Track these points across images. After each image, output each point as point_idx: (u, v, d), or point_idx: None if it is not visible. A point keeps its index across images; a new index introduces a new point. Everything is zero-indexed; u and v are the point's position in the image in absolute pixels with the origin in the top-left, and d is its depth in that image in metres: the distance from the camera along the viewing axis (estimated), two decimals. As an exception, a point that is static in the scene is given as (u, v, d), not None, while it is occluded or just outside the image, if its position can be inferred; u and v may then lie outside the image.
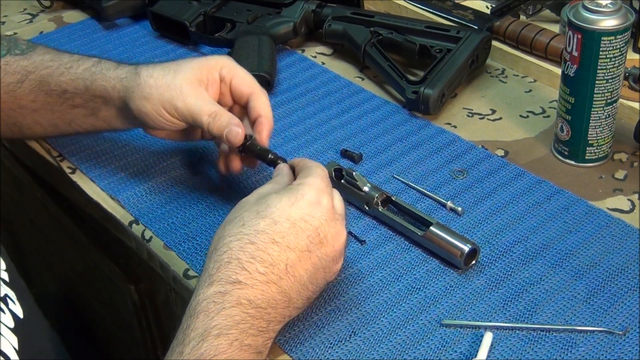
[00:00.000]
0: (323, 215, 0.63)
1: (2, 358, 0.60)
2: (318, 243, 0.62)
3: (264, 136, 0.75)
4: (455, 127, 0.91)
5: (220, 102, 0.77)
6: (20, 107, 0.81)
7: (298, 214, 0.62)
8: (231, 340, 0.57)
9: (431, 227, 0.73)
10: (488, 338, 0.64)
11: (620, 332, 0.65)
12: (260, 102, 0.76)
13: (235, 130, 0.73)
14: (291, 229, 0.61)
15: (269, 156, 0.74)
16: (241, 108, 0.78)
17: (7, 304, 0.64)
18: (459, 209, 0.78)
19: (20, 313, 0.65)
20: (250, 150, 0.75)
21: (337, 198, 0.66)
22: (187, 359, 0.56)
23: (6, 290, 0.65)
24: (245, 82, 0.77)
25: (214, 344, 0.56)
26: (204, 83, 0.75)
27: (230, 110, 0.78)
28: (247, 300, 0.58)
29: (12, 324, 0.63)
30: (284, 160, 0.73)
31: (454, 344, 0.65)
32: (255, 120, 0.76)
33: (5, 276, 0.66)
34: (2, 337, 0.60)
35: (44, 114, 0.82)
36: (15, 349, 0.61)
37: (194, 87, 0.74)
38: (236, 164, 0.77)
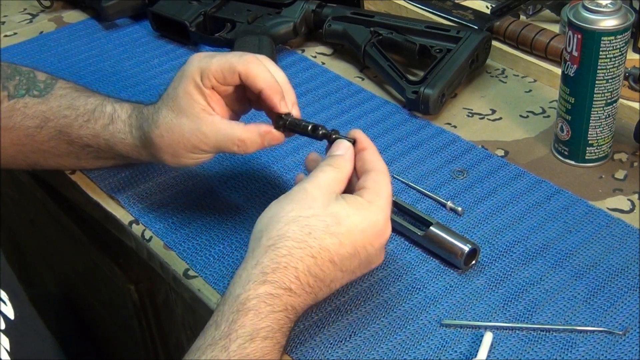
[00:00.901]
0: (380, 245, 0.64)
1: None
2: (365, 267, 0.65)
3: (276, 106, 0.69)
4: (455, 127, 0.91)
5: (231, 97, 0.73)
6: (42, 151, 0.80)
7: (363, 242, 0.62)
8: (274, 343, 0.59)
9: (431, 227, 0.73)
10: (488, 338, 0.64)
11: (620, 332, 0.65)
12: (251, 77, 0.69)
13: (270, 139, 0.70)
14: (352, 254, 0.62)
15: (319, 130, 0.69)
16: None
17: None
18: (459, 209, 0.78)
19: (11, 314, 0.64)
20: (292, 126, 0.70)
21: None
22: (233, 358, 0.56)
23: None
24: (225, 73, 0.70)
25: (260, 345, 0.57)
26: (206, 109, 0.71)
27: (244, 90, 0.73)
28: (292, 307, 0.60)
29: (3, 326, 0.62)
30: (325, 129, 0.69)
31: (454, 344, 0.65)
32: (260, 95, 0.70)
33: None
34: None
35: (68, 159, 0.82)
36: (7, 350, 0.61)
37: (204, 121, 0.70)
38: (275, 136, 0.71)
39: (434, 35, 0.98)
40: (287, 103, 0.70)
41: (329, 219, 0.62)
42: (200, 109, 0.70)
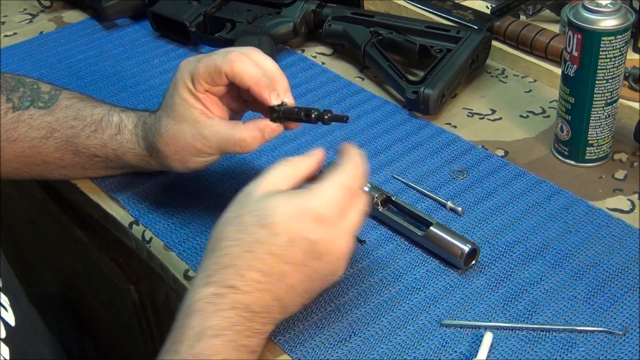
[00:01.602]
0: (327, 233, 0.60)
1: None
2: (315, 258, 0.60)
3: (266, 100, 0.69)
4: (455, 127, 0.91)
5: (227, 98, 0.73)
6: (46, 163, 0.80)
7: (299, 230, 0.59)
8: (226, 341, 0.58)
9: (431, 227, 0.73)
10: (488, 338, 0.64)
11: (620, 332, 0.65)
12: (237, 76, 0.68)
13: (270, 131, 0.70)
14: (290, 243, 0.59)
15: (312, 114, 0.69)
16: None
17: None
18: (459, 209, 0.78)
19: (12, 321, 0.64)
20: (286, 115, 0.70)
21: (357, 207, 0.62)
22: (183, 358, 0.57)
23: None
24: (213, 75, 0.69)
25: (209, 343, 0.57)
26: (204, 112, 0.71)
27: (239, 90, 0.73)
28: (242, 304, 0.59)
29: (3, 334, 0.62)
30: (317, 111, 0.68)
31: (454, 344, 0.65)
32: (250, 91, 0.69)
33: None
34: None
35: (74, 170, 0.82)
36: (5, 359, 0.61)
37: (204, 124, 0.71)
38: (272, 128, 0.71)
39: (434, 35, 0.98)
40: (279, 92, 0.70)
41: (261, 212, 0.60)
42: (198, 114, 0.71)
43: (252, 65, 0.69)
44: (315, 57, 1.06)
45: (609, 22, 0.76)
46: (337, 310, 0.69)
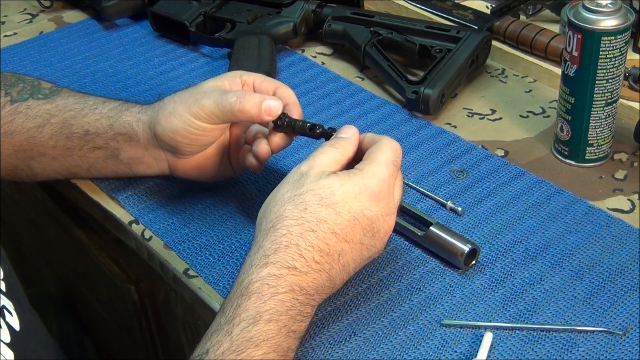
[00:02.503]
0: (381, 210, 0.63)
1: None
2: (371, 236, 0.63)
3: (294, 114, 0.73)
4: (455, 127, 0.91)
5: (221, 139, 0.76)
6: (40, 155, 0.79)
7: (359, 207, 0.62)
8: (280, 327, 0.58)
9: (431, 227, 0.73)
10: (488, 338, 0.64)
11: (620, 332, 0.65)
12: (287, 92, 0.74)
13: (269, 102, 0.70)
14: (351, 222, 0.61)
15: (317, 129, 0.71)
16: None
17: (4, 317, 0.63)
18: (459, 209, 0.78)
19: (17, 325, 0.64)
20: (291, 125, 0.72)
21: (398, 184, 0.66)
22: (236, 342, 0.56)
23: (4, 301, 0.64)
24: (267, 80, 0.75)
25: (264, 329, 0.57)
26: (226, 87, 0.73)
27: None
28: (299, 287, 0.59)
29: (8, 339, 0.62)
30: (322, 128, 0.71)
31: (454, 344, 0.65)
32: (285, 107, 0.73)
33: (2, 286, 0.65)
34: None
35: (63, 161, 0.81)
36: None
37: (217, 88, 0.73)
38: (277, 140, 0.73)
39: (434, 35, 0.98)
40: (294, 110, 0.73)
41: (322, 191, 0.62)
42: (218, 83, 0.73)
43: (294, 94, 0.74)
44: (315, 57, 1.06)
45: (609, 22, 0.76)
46: (337, 310, 0.69)
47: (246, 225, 0.78)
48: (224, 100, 0.70)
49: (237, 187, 0.83)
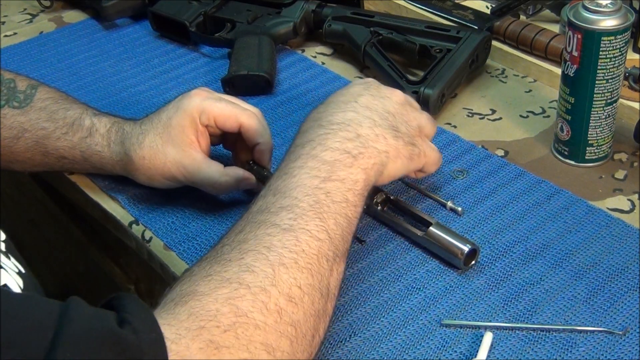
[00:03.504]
0: (357, 84, 0.71)
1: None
2: (353, 99, 0.69)
3: (265, 163, 0.78)
4: (455, 127, 0.91)
5: (213, 135, 0.78)
6: (18, 162, 0.81)
7: (348, 88, 0.71)
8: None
9: (431, 227, 0.73)
10: (488, 338, 0.64)
11: (620, 332, 0.65)
12: (251, 132, 0.76)
13: (245, 184, 0.77)
14: (350, 87, 0.71)
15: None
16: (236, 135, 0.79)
17: (8, 257, 0.65)
18: (459, 209, 0.78)
19: (22, 268, 0.65)
20: (257, 175, 0.78)
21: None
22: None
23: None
24: (228, 117, 0.76)
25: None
26: (193, 144, 0.75)
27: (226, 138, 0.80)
28: (353, 134, 0.66)
29: (15, 271, 0.63)
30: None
31: (454, 344, 0.65)
32: (254, 148, 0.78)
33: (20, 282, 0.66)
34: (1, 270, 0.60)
35: (44, 168, 0.83)
36: (20, 287, 0.61)
37: (189, 155, 0.75)
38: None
39: (434, 35, 0.98)
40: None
41: (365, 100, 0.70)
42: (188, 143, 0.75)
43: (265, 129, 0.77)
44: (315, 57, 1.06)
45: (609, 22, 0.76)
46: (337, 310, 0.68)
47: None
48: (202, 185, 0.77)
49: (237, 187, 0.83)
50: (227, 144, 0.82)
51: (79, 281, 1.15)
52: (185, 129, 0.74)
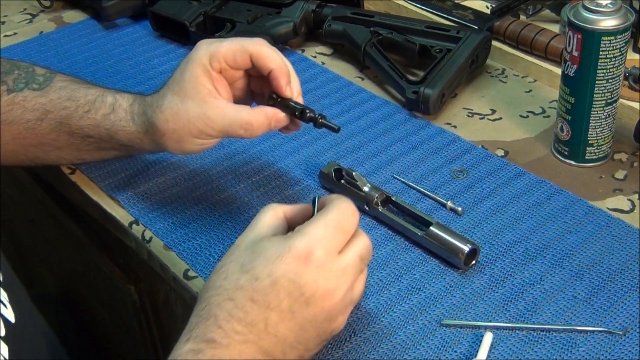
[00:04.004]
0: (311, 273, 0.56)
1: None
2: (303, 303, 0.56)
3: (282, 87, 0.70)
4: (455, 127, 0.91)
5: (235, 86, 0.73)
6: (42, 145, 0.80)
7: (281, 271, 0.56)
8: None
9: (431, 227, 0.73)
10: (488, 338, 0.64)
11: (620, 332, 0.65)
12: (263, 57, 0.70)
13: (276, 120, 0.70)
14: (272, 286, 0.56)
15: (295, 112, 0.71)
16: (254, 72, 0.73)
17: None
18: (459, 209, 0.78)
19: (12, 317, 0.63)
20: (283, 105, 0.72)
21: (351, 252, 0.59)
22: None
23: None
24: (236, 51, 0.70)
25: None
26: (212, 93, 0.70)
27: (249, 80, 0.74)
28: None
29: (2, 332, 0.61)
30: (311, 111, 0.71)
31: (454, 344, 0.65)
32: (268, 76, 0.71)
33: None
34: None
35: (69, 152, 0.81)
36: (5, 358, 0.60)
37: (210, 105, 0.70)
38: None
39: (434, 35, 0.98)
40: (293, 90, 0.71)
41: (245, 258, 0.58)
42: (206, 93, 0.70)
43: (277, 52, 0.70)
44: (315, 57, 1.06)
45: (609, 22, 0.76)
46: (337, 310, 0.69)
47: (246, 226, 0.78)
48: (233, 131, 0.70)
49: (238, 187, 0.83)
50: (256, 97, 0.76)
51: (79, 281, 1.15)
52: (199, 78, 0.70)
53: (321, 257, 0.56)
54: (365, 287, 0.63)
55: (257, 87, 0.74)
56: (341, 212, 0.59)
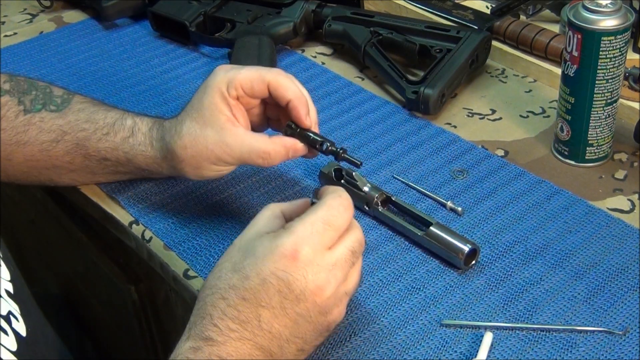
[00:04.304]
0: (299, 270, 0.57)
1: None
2: (293, 299, 0.57)
3: (302, 118, 0.70)
4: (455, 127, 0.91)
5: (251, 112, 0.73)
6: (55, 167, 0.79)
7: (269, 269, 0.57)
8: None
9: (431, 227, 0.73)
10: (488, 338, 0.64)
11: (620, 332, 0.65)
12: (281, 87, 0.70)
13: (294, 150, 0.71)
14: (261, 285, 0.57)
15: (316, 144, 0.70)
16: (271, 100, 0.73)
17: (10, 323, 0.62)
18: (459, 209, 0.78)
19: (23, 331, 0.63)
20: (301, 136, 0.71)
21: (342, 246, 0.60)
22: None
23: (10, 305, 0.63)
24: (254, 79, 0.70)
25: None
26: (230, 120, 0.70)
27: (265, 107, 0.74)
28: (218, 357, 0.56)
29: (14, 346, 0.60)
30: (332, 144, 0.70)
31: (454, 344, 0.65)
32: (287, 106, 0.71)
33: (9, 287, 0.65)
34: None
35: (83, 175, 0.81)
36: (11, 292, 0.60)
37: (229, 132, 0.70)
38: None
39: (434, 35, 0.98)
40: (312, 118, 0.70)
41: (237, 257, 0.59)
42: (225, 120, 0.70)
43: (295, 82, 0.70)
44: (315, 57, 1.06)
45: (609, 22, 0.76)
46: (337, 310, 0.69)
47: (245, 226, 0.78)
48: (251, 159, 0.70)
49: (238, 187, 0.83)
50: (272, 122, 0.76)
51: (79, 281, 1.15)
52: (217, 106, 0.70)
53: (309, 254, 0.57)
54: (360, 277, 0.63)
55: (273, 114, 0.75)
56: (331, 208, 0.60)
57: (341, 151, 0.71)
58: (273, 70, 0.71)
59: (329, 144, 0.71)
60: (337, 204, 0.61)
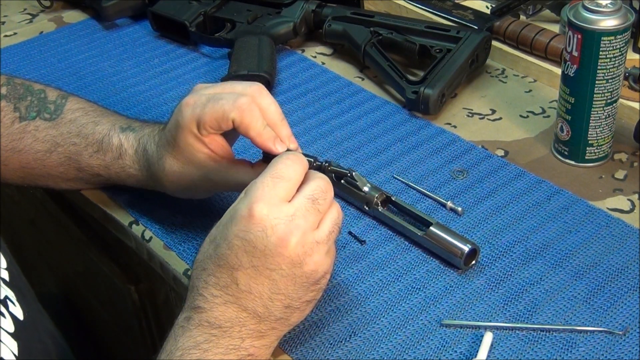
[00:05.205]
0: (256, 227, 0.58)
1: None
2: (260, 256, 0.58)
3: (272, 150, 0.67)
4: (455, 127, 0.91)
5: (228, 133, 0.71)
6: (50, 176, 0.80)
7: (232, 232, 0.59)
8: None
9: (431, 227, 0.73)
10: (488, 338, 0.64)
11: (620, 332, 0.65)
12: (242, 126, 0.67)
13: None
14: (229, 249, 0.59)
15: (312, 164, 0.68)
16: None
17: (7, 307, 0.63)
18: (459, 209, 0.78)
19: (20, 315, 0.64)
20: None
21: (301, 197, 0.60)
22: None
23: (6, 291, 0.64)
24: (219, 119, 0.67)
25: None
26: (210, 156, 0.70)
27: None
28: (207, 322, 0.59)
29: (12, 328, 0.62)
30: (315, 159, 0.69)
31: (454, 344, 0.65)
32: (252, 140, 0.68)
33: (5, 275, 0.65)
34: (1, 344, 0.59)
35: (80, 184, 0.82)
36: (15, 354, 0.61)
37: (211, 169, 0.71)
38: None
39: (434, 35, 0.98)
40: (283, 138, 0.68)
41: (213, 231, 0.62)
42: (205, 158, 0.71)
43: (259, 116, 0.67)
44: (315, 57, 1.06)
45: (609, 22, 0.76)
46: (337, 310, 0.69)
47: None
48: (239, 191, 0.66)
49: (237, 187, 0.83)
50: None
51: (79, 281, 1.15)
52: (193, 146, 0.70)
53: (263, 209, 0.58)
54: (340, 224, 0.62)
55: None
56: (277, 163, 0.61)
57: (326, 164, 0.70)
58: (237, 103, 0.67)
59: (312, 160, 0.69)
60: (284, 158, 0.62)
